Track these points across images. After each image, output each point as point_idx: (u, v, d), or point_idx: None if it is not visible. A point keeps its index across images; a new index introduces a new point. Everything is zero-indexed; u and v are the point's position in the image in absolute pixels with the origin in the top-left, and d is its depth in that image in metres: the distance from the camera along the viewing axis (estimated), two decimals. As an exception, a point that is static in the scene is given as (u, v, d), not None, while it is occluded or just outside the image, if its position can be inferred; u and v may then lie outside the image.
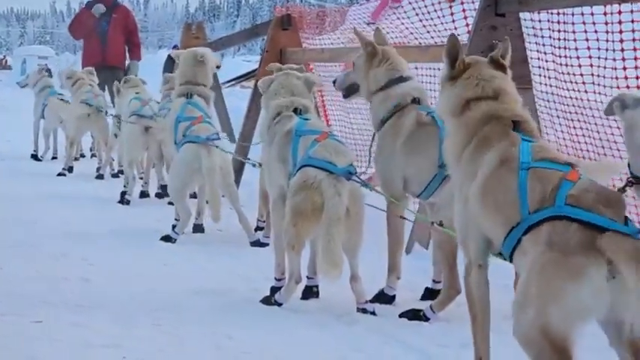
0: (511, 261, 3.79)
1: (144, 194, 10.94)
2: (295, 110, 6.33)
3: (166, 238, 8.09)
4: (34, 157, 15.14)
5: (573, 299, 3.35)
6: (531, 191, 3.68)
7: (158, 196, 10.81)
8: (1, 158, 14.89)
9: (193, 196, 8.97)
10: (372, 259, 6.12)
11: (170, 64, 14.73)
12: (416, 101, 6.09)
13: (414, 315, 5.63)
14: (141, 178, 11.13)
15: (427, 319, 5.58)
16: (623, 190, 3.83)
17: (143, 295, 6.22)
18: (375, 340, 5.21)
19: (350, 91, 6.53)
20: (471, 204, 3.97)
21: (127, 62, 15.18)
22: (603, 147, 7.08)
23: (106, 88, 13.85)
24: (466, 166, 4.06)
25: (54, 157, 15.08)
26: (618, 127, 5.79)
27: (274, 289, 6.08)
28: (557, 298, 3.36)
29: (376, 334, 5.31)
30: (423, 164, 5.90)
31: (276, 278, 6.17)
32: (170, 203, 9.20)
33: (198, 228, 8.58)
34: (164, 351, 4.98)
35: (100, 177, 12.88)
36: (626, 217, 3.48)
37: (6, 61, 66.38)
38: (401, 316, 5.66)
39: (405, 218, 6.16)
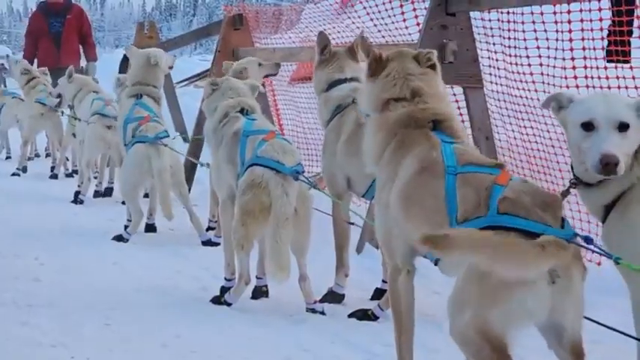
0: (436, 264, 3.75)
1: (97, 193, 10.89)
2: (242, 111, 6.30)
3: (118, 238, 8.07)
4: None
5: (515, 302, 3.31)
6: (462, 198, 3.60)
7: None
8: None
9: (146, 195, 8.93)
10: (323, 259, 6.10)
11: (126, 64, 14.65)
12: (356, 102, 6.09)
13: (363, 315, 5.64)
14: (95, 178, 11.06)
15: (376, 318, 5.59)
16: (567, 192, 3.83)
17: (93, 294, 6.20)
18: (321, 339, 5.21)
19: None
20: (392, 210, 3.92)
21: (83, 64, 15.04)
22: (553, 146, 7.12)
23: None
24: (386, 169, 4.02)
25: (8, 157, 14.93)
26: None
27: (224, 289, 6.07)
28: (498, 300, 3.32)
29: (323, 334, 5.31)
30: (363, 164, 5.91)
31: (225, 278, 6.16)
32: (123, 203, 9.17)
33: (150, 228, 8.57)
34: (112, 350, 4.96)
35: (54, 177, 12.79)
36: (562, 219, 3.46)
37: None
38: (350, 316, 5.67)
39: (352, 223, 6.18)
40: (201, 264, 7.10)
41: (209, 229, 8.36)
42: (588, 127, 3.67)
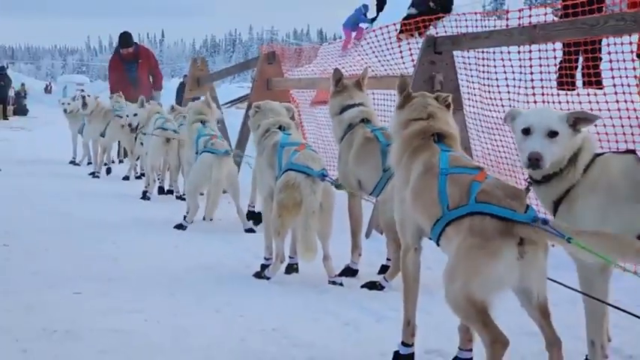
0: (438, 245, 3.81)
1: (161, 190, 10.99)
2: (280, 127, 6.35)
3: (179, 226, 8.08)
4: (73, 162, 15.08)
5: (491, 274, 3.36)
6: (450, 192, 3.66)
7: (170, 192, 10.83)
8: (44, 162, 14.83)
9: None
10: (340, 243, 6.12)
11: (181, 89, 14.62)
12: (365, 121, 6.14)
13: (372, 285, 5.67)
14: (158, 179, 11.10)
15: (382, 288, 5.63)
16: (527, 190, 3.87)
17: (159, 270, 6.21)
18: (341, 305, 5.22)
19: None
20: (406, 203, 3.97)
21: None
22: (518, 155, 7.12)
23: None
24: (402, 172, 4.06)
25: (89, 163, 14.97)
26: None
27: (263, 266, 6.09)
28: (479, 272, 3.38)
29: (342, 301, 5.33)
30: (370, 169, 5.96)
31: (265, 257, 6.17)
32: (179, 198, 9.32)
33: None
34: (176, 315, 4.96)
35: (126, 178, 12.83)
36: (527, 206, 3.49)
37: (51, 87, 65.99)
38: (362, 286, 5.70)
39: None
40: (244, 247, 7.12)
41: (248, 213, 8.39)
42: (526, 132, 3.77)
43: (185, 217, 8.21)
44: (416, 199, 3.88)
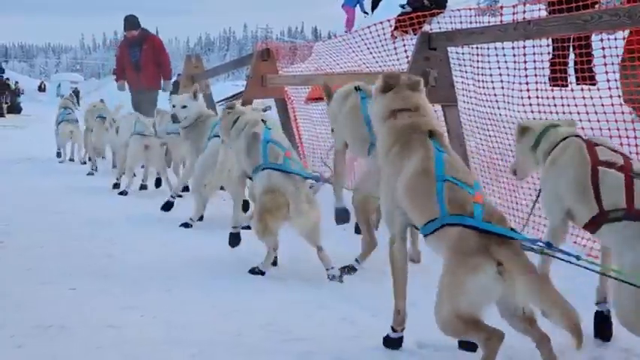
0: (425, 237, 3.86)
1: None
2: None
3: (185, 225, 7.97)
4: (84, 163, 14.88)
5: (474, 292, 3.50)
6: (448, 199, 3.75)
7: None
8: (38, 160, 14.80)
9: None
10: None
11: (175, 88, 14.63)
12: None
13: (349, 270, 5.84)
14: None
15: (355, 270, 5.82)
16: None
17: (156, 267, 6.20)
18: (337, 299, 5.24)
19: None
20: (398, 195, 4.00)
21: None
22: (512, 151, 7.15)
23: (141, 107, 13.59)
24: (393, 163, 4.07)
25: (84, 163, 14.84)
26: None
27: (231, 235, 6.42)
28: (463, 293, 3.51)
29: (338, 295, 5.34)
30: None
31: (232, 226, 6.52)
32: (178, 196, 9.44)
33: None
34: (173, 311, 4.96)
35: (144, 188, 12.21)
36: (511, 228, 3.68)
37: (44, 86, 65.90)
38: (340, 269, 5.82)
39: None
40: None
41: None
42: None
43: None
44: (411, 197, 3.93)
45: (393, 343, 4.25)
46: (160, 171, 10.71)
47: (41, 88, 64.06)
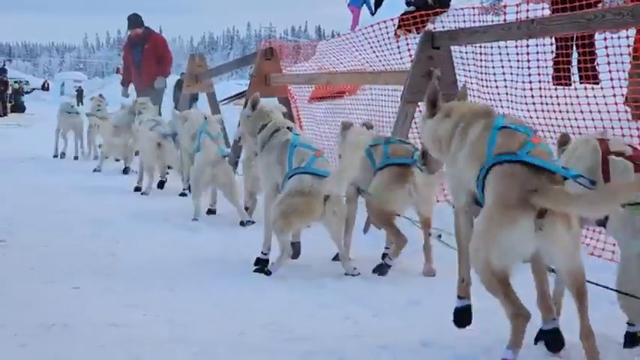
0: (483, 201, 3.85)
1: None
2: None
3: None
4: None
5: (507, 246, 3.51)
6: (500, 142, 3.75)
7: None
8: (42, 159, 14.80)
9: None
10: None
11: (178, 86, 14.60)
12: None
13: (380, 268, 5.85)
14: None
15: (389, 267, 5.80)
16: None
17: (158, 266, 6.21)
18: (340, 299, 5.22)
19: None
20: (459, 164, 4.01)
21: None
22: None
23: None
24: (457, 143, 4.06)
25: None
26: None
27: (259, 260, 6.08)
28: (496, 245, 3.52)
29: (341, 295, 5.33)
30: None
31: (262, 252, 6.14)
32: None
33: (210, 211, 8.70)
34: (175, 309, 4.95)
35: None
36: None
37: (48, 84, 65.97)
38: (374, 271, 5.84)
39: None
40: (243, 242, 7.04)
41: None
42: None
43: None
44: (469, 156, 3.93)
45: (460, 312, 4.20)
46: (175, 168, 10.67)
47: (45, 87, 64.08)
